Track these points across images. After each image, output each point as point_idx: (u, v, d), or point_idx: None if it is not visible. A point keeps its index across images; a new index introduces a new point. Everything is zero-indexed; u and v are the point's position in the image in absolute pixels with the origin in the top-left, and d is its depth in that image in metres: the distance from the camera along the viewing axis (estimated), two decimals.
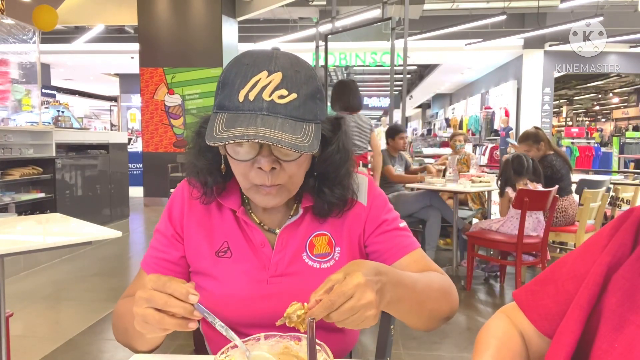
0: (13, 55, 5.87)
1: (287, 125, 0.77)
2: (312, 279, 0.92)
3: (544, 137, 3.89)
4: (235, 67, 0.82)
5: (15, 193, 4.95)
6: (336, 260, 0.95)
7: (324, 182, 0.92)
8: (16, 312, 2.21)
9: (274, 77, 0.78)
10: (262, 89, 0.78)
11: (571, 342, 0.61)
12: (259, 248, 0.93)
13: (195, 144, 0.92)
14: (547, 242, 3.46)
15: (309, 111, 0.81)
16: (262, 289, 0.92)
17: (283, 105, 0.78)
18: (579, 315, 0.62)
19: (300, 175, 0.87)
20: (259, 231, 0.93)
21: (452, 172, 4.39)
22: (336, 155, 0.90)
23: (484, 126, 13.77)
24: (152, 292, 0.68)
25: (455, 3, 10.45)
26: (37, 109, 6.22)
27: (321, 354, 0.69)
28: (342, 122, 0.92)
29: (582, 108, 23.96)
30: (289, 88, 0.79)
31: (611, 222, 0.69)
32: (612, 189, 4.38)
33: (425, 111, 27.23)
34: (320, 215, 0.94)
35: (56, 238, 1.81)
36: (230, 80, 0.81)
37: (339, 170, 0.91)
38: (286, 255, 0.93)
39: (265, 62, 0.80)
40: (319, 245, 0.95)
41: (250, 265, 0.93)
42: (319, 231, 0.95)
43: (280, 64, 0.80)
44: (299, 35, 9.62)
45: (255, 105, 0.78)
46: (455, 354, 2.63)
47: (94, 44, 11.75)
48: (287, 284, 0.92)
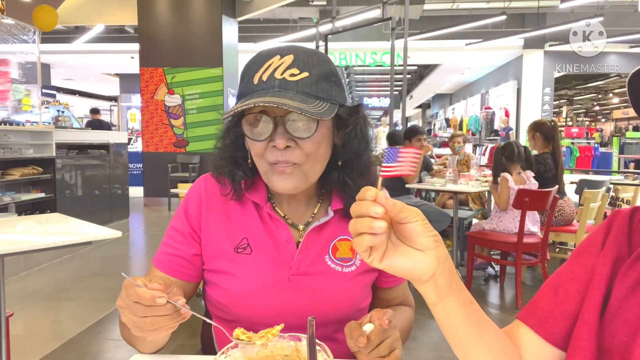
0: (13, 55, 5.87)
1: (297, 98, 0.79)
2: (333, 281, 0.93)
3: (544, 131, 3.86)
4: (254, 59, 0.86)
5: (15, 193, 4.95)
6: (357, 266, 0.95)
7: (347, 173, 0.92)
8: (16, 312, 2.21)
9: (285, 58, 0.82)
10: (274, 70, 0.81)
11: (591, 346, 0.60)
12: (282, 244, 0.93)
13: (225, 139, 0.94)
14: (547, 242, 3.46)
15: (323, 90, 0.82)
16: (282, 286, 0.91)
17: (294, 82, 0.80)
18: (593, 317, 0.62)
19: (317, 157, 0.86)
20: (285, 226, 0.93)
21: (452, 172, 4.39)
22: (354, 141, 0.89)
23: (484, 126, 13.77)
24: (128, 302, 0.67)
25: (455, 3, 10.45)
26: (37, 109, 6.22)
27: (321, 354, 0.69)
28: (361, 108, 0.92)
29: (582, 108, 23.97)
30: (300, 67, 0.81)
31: (600, 225, 0.70)
32: (612, 189, 4.38)
33: (425, 111, 27.23)
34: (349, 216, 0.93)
35: (56, 238, 1.81)
36: (247, 71, 0.85)
37: (360, 158, 0.91)
38: (309, 255, 0.93)
39: (279, 49, 0.84)
40: (342, 250, 0.94)
41: (271, 261, 0.92)
42: (343, 236, 0.95)
43: (294, 49, 0.84)
44: (299, 35, 9.62)
45: (268, 84, 0.81)
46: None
47: (94, 44, 11.75)
48: (307, 283, 0.92)
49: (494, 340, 0.65)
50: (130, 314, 0.67)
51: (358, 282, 0.95)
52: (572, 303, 0.67)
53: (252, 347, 0.75)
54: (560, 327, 0.67)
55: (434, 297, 0.60)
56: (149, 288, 0.66)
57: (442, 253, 0.59)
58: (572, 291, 0.67)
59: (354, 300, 0.95)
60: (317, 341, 0.69)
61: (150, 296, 0.65)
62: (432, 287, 0.60)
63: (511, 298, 3.59)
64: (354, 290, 0.94)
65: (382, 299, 1.07)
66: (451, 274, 0.60)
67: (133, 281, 0.67)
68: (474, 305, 0.63)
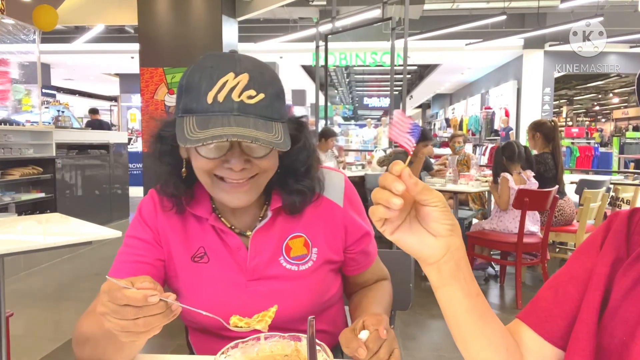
0: (13, 55, 5.87)
1: (259, 124, 0.78)
2: (291, 281, 0.93)
3: (545, 131, 3.86)
4: (198, 71, 0.81)
5: (15, 193, 4.95)
6: (314, 261, 0.95)
7: (289, 174, 0.92)
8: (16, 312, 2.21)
9: (241, 78, 0.79)
10: (230, 90, 0.78)
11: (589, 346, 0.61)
12: (235, 251, 0.93)
13: (155, 149, 0.90)
14: (547, 242, 3.46)
15: (276, 111, 0.82)
16: (240, 293, 0.92)
17: (253, 105, 0.79)
18: (592, 317, 0.62)
19: (272, 169, 0.87)
20: (233, 235, 0.93)
21: (452, 172, 4.39)
22: (302, 153, 0.91)
23: (484, 126, 13.77)
24: (114, 307, 0.63)
25: (455, 3, 10.44)
26: (37, 109, 6.21)
27: (321, 354, 0.69)
28: (306, 121, 0.94)
29: (582, 108, 23.96)
30: (256, 88, 0.80)
31: (599, 226, 0.71)
32: (612, 189, 4.38)
33: (425, 111, 27.23)
34: (292, 212, 0.94)
35: (56, 238, 1.81)
36: (195, 84, 0.80)
37: (304, 166, 0.92)
38: (263, 259, 0.93)
39: (229, 64, 0.80)
40: (295, 248, 0.95)
41: (228, 269, 0.93)
42: (295, 233, 0.95)
43: (245, 66, 0.81)
44: (299, 35, 9.62)
45: (226, 105, 0.78)
46: (455, 354, 2.62)
47: (94, 44, 11.74)
48: (265, 288, 0.92)
49: (496, 336, 0.65)
50: (118, 319, 0.63)
51: (317, 276, 0.96)
52: (572, 303, 0.67)
53: (252, 346, 0.75)
54: (560, 326, 0.67)
55: (435, 281, 0.62)
56: (137, 288, 0.63)
57: (454, 242, 0.59)
58: (572, 291, 0.68)
59: (316, 294, 0.95)
60: (317, 341, 0.69)
61: (141, 296, 0.62)
62: (435, 271, 0.61)
63: (511, 298, 3.59)
64: (314, 285, 0.95)
65: (356, 284, 1.08)
66: (459, 264, 0.60)
67: (118, 283, 0.63)
68: (479, 298, 0.64)
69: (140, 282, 0.64)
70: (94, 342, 0.80)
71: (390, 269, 1.19)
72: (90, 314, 0.87)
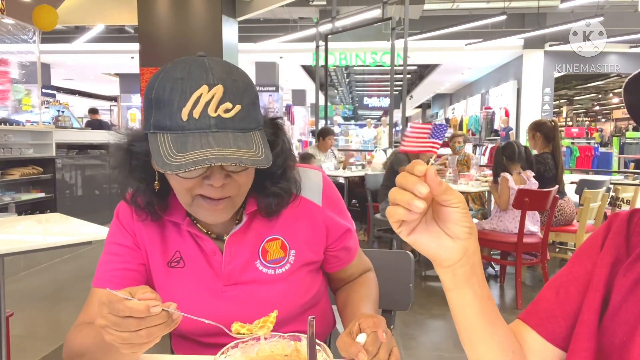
0: (13, 55, 5.87)
1: (239, 139, 0.76)
2: (267, 286, 0.91)
3: (545, 131, 3.86)
4: (169, 82, 0.76)
5: (15, 193, 4.95)
6: (291, 263, 0.93)
7: (267, 177, 0.90)
8: (16, 312, 2.21)
9: (215, 90, 0.75)
10: (206, 105, 0.74)
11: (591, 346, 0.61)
12: (210, 256, 0.91)
13: (125, 163, 0.85)
14: (547, 242, 3.46)
15: (253, 119, 0.80)
16: (216, 298, 0.91)
17: (230, 119, 0.76)
18: (593, 317, 0.63)
19: (248, 184, 0.85)
20: (208, 239, 0.91)
21: (452, 172, 4.39)
22: (279, 158, 0.88)
23: (484, 126, 13.77)
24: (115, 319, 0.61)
25: (455, 3, 10.44)
26: (37, 109, 6.22)
27: (321, 354, 0.69)
28: (282, 124, 0.91)
29: (582, 108, 23.96)
30: (232, 100, 0.76)
31: (600, 227, 0.71)
32: (612, 189, 4.38)
33: (425, 111, 27.23)
34: (268, 215, 0.92)
35: (56, 238, 1.81)
36: (165, 97, 0.76)
37: (280, 169, 0.90)
38: (238, 264, 0.91)
39: (200, 74, 0.76)
40: (272, 251, 0.93)
41: (203, 274, 0.91)
42: (271, 236, 0.93)
43: (217, 75, 0.76)
44: (299, 35, 9.62)
45: (203, 122, 0.74)
46: (455, 354, 2.62)
47: (94, 44, 11.74)
48: (241, 292, 0.91)
49: (504, 339, 0.66)
50: (119, 331, 0.61)
51: (295, 279, 0.94)
52: (573, 304, 0.67)
53: (252, 346, 0.75)
54: (562, 327, 0.67)
55: (449, 284, 0.61)
56: (139, 298, 0.61)
57: (471, 246, 0.58)
58: (573, 291, 0.68)
59: (294, 297, 0.94)
60: (317, 341, 0.69)
61: (144, 307, 0.61)
62: (450, 274, 0.60)
63: (511, 298, 3.59)
64: (292, 287, 0.93)
65: (340, 279, 1.08)
66: (474, 268, 0.60)
67: (118, 294, 0.61)
68: (490, 302, 0.63)
69: (142, 292, 0.62)
70: (90, 356, 0.78)
71: (390, 269, 1.19)
72: (80, 326, 0.85)
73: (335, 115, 20.67)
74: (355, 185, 5.76)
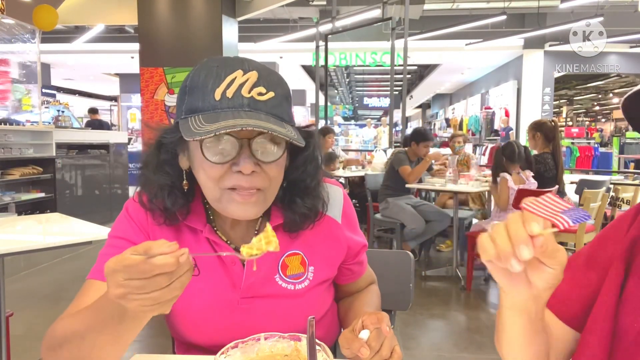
0: (13, 55, 5.88)
1: (271, 120, 0.75)
2: (286, 301, 0.89)
3: (545, 131, 3.86)
4: (204, 70, 0.77)
5: (15, 193, 4.95)
6: (310, 280, 0.91)
7: (294, 192, 0.87)
8: (16, 312, 2.21)
9: (250, 75, 0.75)
10: (240, 86, 0.74)
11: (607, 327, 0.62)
12: (229, 266, 0.88)
13: (154, 158, 0.82)
14: None
15: (285, 112, 0.79)
16: (232, 310, 0.88)
17: (263, 102, 0.75)
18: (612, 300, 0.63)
19: (279, 180, 0.82)
20: (228, 248, 0.88)
21: (452, 172, 4.39)
22: (309, 164, 0.86)
23: (484, 126, 13.77)
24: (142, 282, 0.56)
25: (455, 3, 10.44)
26: (37, 109, 6.22)
27: (321, 354, 0.69)
28: (315, 130, 0.89)
29: (582, 108, 23.95)
30: (266, 86, 0.76)
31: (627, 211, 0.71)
32: (612, 189, 4.37)
33: (425, 111, 27.22)
34: (292, 231, 0.89)
35: (56, 238, 1.81)
36: (200, 82, 0.76)
37: (311, 180, 0.87)
38: (259, 277, 0.88)
39: (236, 62, 0.77)
40: (292, 266, 0.90)
41: (220, 284, 0.88)
42: (292, 250, 0.91)
43: (254, 65, 0.78)
44: (299, 35, 9.62)
45: (235, 101, 0.74)
46: (455, 354, 2.62)
47: (94, 43, 11.74)
48: (258, 306, 0.88)
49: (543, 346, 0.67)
50: (145, 294, 0.56)
51: (312, 295, 0.92)
52: (590, 287, 0.68)
53: (252, 346, 0.75)
54: (577, 309, 0.69)
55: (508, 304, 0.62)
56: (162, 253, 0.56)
57: (545, 295, 0.58)
58: (592, 276, 0.69)
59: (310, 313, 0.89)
60: (317, 341, 0.69)
61: (175, 260, 0.56)
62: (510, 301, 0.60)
63: None
64: (309, 304, 0.91)
65: (349, 292, 1.06)
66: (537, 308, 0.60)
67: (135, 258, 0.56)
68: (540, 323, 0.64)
69: (158, 247, 0.56)
70: (78, 339, 0.70)
71: (390, 269, 1.19)
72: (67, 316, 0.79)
73: (335, 115, 20.66)
74: (355, 185, 5.76)
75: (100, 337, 0.67)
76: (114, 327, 0.65)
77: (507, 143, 3.69)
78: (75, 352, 0.70)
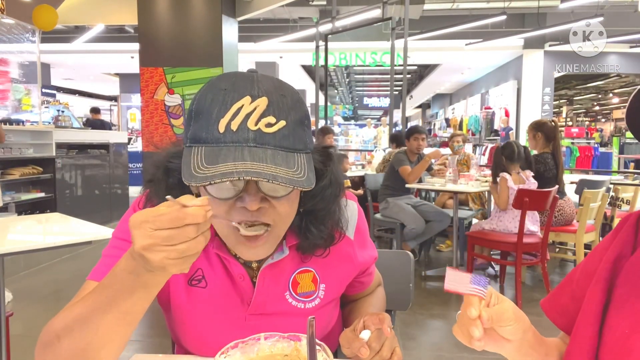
0: (13, 54, 5.88)
1: (278, 157, 0.68)
2: (294, 319, 0.87)
3: (546, 131, 3.86)
4: (211, 92, 0.71)
5: (15, 193, 4.95)
6: (321, 298, 0.89)
7: (311, 219, 0.82)
8: (16, 312, 2.21)
9: (258, 102, 0.69)
10: (246, 117, 0.68)
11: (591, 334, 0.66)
12: (237, 280, 0.85)
13: (161, 181, 0.78)
14: (547, 242, 3.46)
15: (299, 140, 0.72)
16: (239, 326, 0.85)
17: (272, 135, 0.69)
18: (594, 308, 0.67)
19: (292, 214, 0.77)
20: (236, 263, 0.84)
21: (452, 172, 4.39)
22: (327, 190, 0.80)
23: (484, 126, 13.77)
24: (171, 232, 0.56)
25: (455, 3, 10.44)
26: (37, 109, 6.22)
27: (321, 354, 0.69)
28: (333, 152, 0.82)
29: (582, 108, 23.95)
30: (276, 115, 0.69)
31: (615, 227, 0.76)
32: (612, 189, 4.37)
33: (425, 111, 27.22)
34: (305, 253, 0.86)
35: (56, 238, 1.81)
36: (205, 108, 0.70)
37: (329, 207, 0.82)
38: (269, 294, 0.85)
39: (246, 85, 0.70)
40: (303, 283, 0.87)
41: (227, 298, 0.85)
42: (303, 267, 0.87)
43: (264, 88, 0.70)
44: (299, 35, 9.62)
45: (240, 136, 0.68)
46: (455, 354, 2.62)
47: (94, 43, 11.74)
48: (266, 323, 0.85)
49: None
50: (173, 245, 0.57)
51: (322, 314, 0.90)
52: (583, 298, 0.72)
53: (252, 346, 0.75)
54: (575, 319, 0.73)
55: None
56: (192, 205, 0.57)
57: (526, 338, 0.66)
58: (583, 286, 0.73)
59: (318, 331, 0.87)
60: (317, 341, 0.69)
61: (205, 212, 0.57)
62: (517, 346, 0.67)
63: (511, 298, 3.58)
64: (318, 322, 0.86)
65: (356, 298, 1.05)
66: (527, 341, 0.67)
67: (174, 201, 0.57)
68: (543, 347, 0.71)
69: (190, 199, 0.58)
70: (80, 324, 0.67)
71: (390, 269, 1.19)
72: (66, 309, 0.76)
73: (335, 115, 20.66)
74: (355, 185, 5.76)
75: (106, 317, 0.65)
76: (123, 302, 0.64)
77: (506, 143, 3.69)
78: (77, 339, 0.67)
